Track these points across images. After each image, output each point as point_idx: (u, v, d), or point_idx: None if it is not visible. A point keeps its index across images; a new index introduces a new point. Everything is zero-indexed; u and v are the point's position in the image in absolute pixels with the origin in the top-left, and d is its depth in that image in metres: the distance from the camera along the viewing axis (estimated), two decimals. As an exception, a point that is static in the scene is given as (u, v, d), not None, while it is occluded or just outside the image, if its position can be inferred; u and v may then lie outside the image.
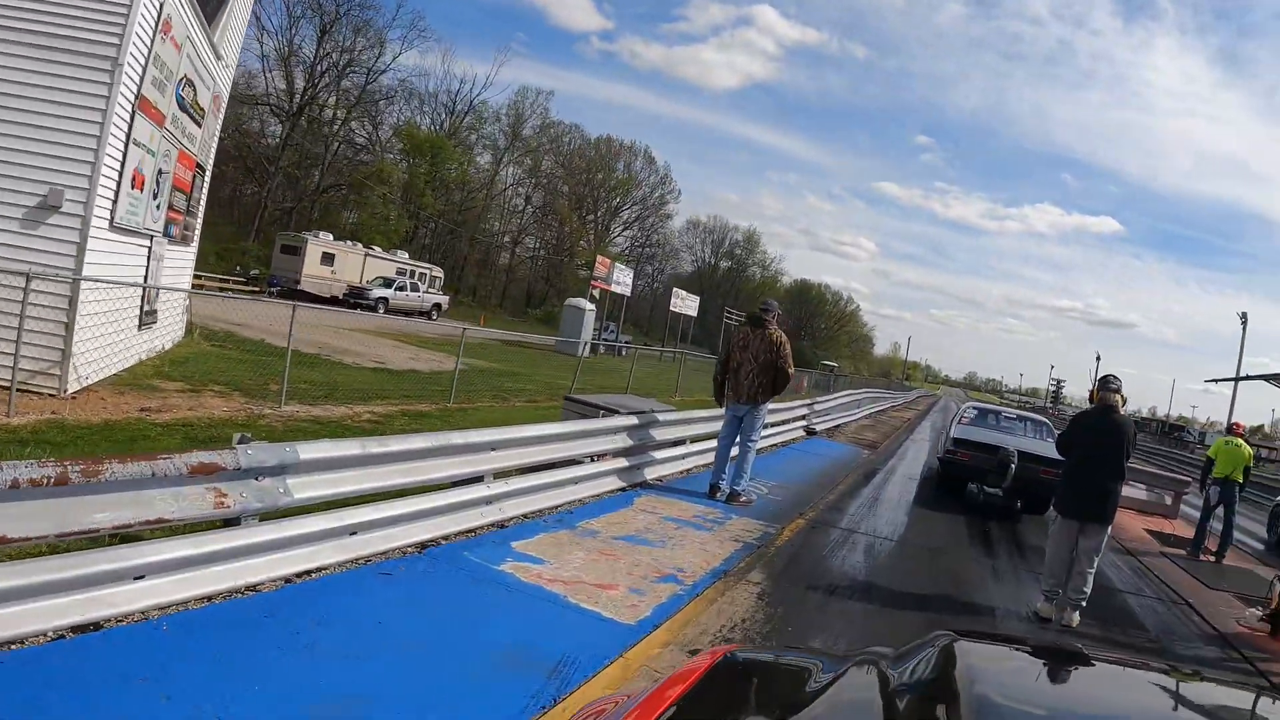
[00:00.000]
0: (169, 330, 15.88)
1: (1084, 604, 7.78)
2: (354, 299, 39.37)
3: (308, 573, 5.50)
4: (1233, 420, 16.33)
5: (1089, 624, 7.81)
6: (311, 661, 4.41)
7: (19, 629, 3.99)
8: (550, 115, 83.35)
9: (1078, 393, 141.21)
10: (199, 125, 14.69)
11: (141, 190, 11.76)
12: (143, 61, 10.74)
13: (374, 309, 38.52)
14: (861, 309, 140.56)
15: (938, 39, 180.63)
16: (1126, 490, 8.05)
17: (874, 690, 1.96)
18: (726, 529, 9.01)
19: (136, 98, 10.77)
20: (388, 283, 42.94)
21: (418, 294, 45.15)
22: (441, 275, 53.78)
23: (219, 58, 15.40)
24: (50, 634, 4.10)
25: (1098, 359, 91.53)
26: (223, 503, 5.03)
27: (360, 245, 46.48)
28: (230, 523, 5.18)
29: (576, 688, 4.63)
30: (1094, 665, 2.39)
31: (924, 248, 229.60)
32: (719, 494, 10.36)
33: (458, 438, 7.03)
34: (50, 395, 9.89)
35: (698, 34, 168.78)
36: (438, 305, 46.93)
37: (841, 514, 11.33)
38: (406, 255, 51.12)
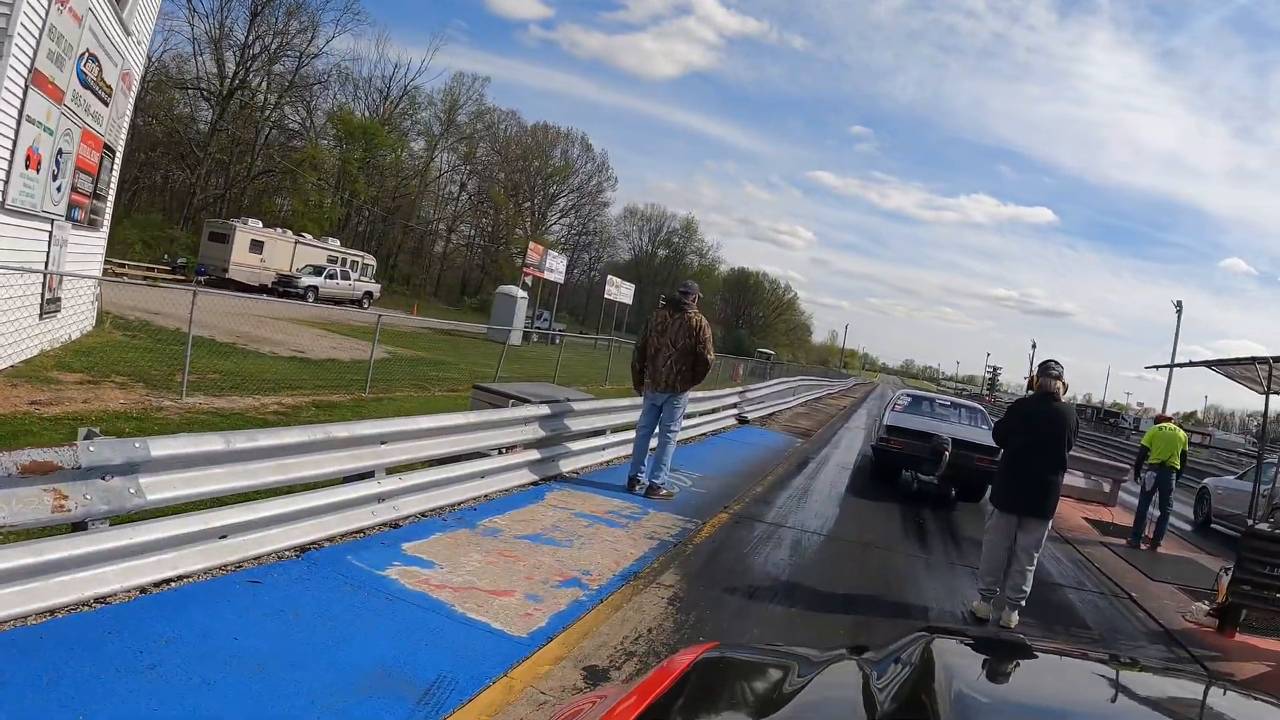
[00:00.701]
0: (76, 319, 15.12)
1: (1023, 603, 7.36)
2: (283, 287, 38.37)
3: (168, 581, 4.92)
4: (1161, 412, 16.40)
5: (1029, 622, 7.42)
6: (150, 686, 3.84)
7: None
8: (486, 101, 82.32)
9: (1014, 380, 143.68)
10: (106, 104, 13.93)
11: (38, 171, 11.10)
12: (36, 33, 10.12)
13: (303, 297, 37.64)
14: (799, 297, 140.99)
15: (876, 30, 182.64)
16: (1064, 478, 7.64)
17: (855, 688, 1.95)
18: (642, 525, 8.50)
19: (30, 71, 10.14)
20: (318, 270, 42.07)
21: (348, 282, 44.26)
22: (374, 263, 53.01)
23: (129, 33, 14.63)
24: None
25: (1034, 346, 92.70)
26: (63, 506, 4.41)
27: (290, 232, 45.59)
28: (78, 527, 4.58)
29: (450, 713, 4.11)
30: (1073, 662, 2.46)
31: (861, 237, 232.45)
32: (638, 487, 9.88)
33: (340, 430, 6.38)
34: (-65, 388, 9.22)
35: (638, 23, 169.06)
36: (369, 293, 46.00)
37: (769, 507, 10.88)
38: (338, 242, 50.22)
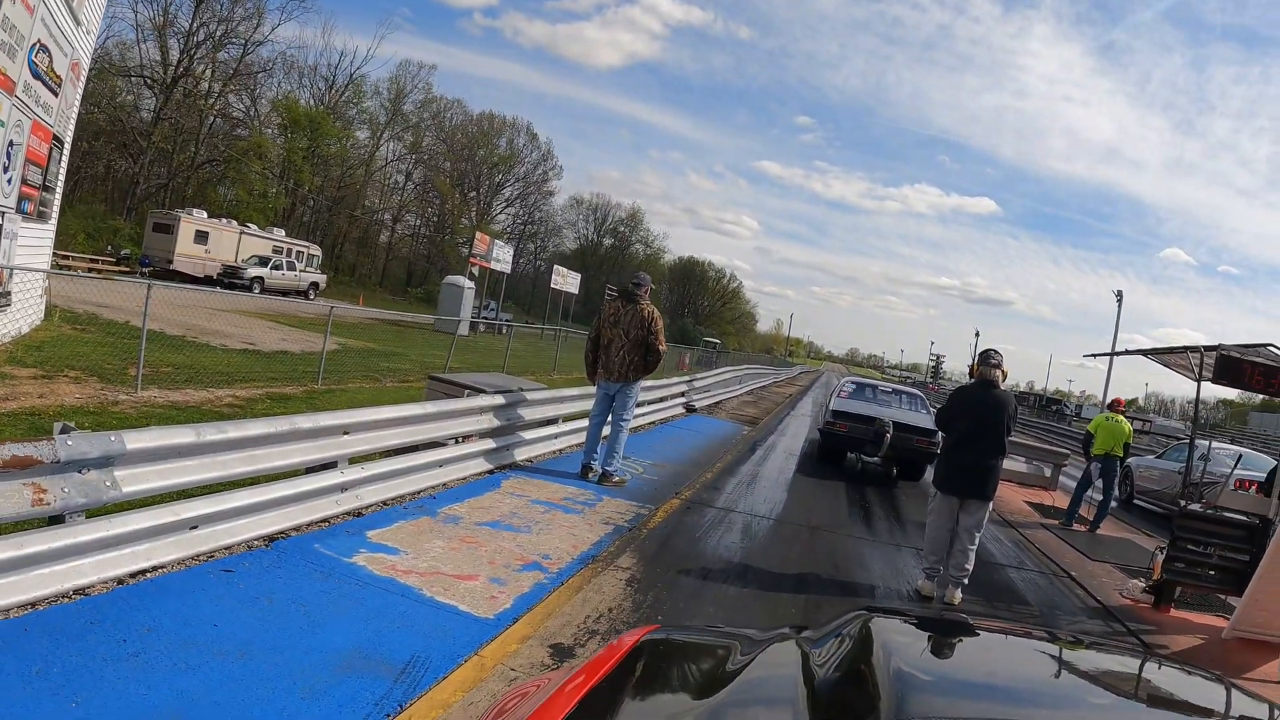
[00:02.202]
0: (26, 313, 14.86)
1: (966, 581, 7.68)
2: (228, 279, 37.90)
3: (144, 572, 5.01)
4: (1112, 397, 16.86)
5: (971, 600, 7.75)
6: (136, 673, 3.96)
7: None
8: (432, 90, 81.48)
9: (958, 368, 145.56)
10: (55, 94, 13.75)
11: (-12, 163, 10.93)
12: (-12, 25, 9.99)
13: (249, 289, 37.21)
14: (744, 286, 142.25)
15: (821, 21, 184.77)
16: (1006, 463, 7.97)
17: (795, 666, 2.00)
18: (597, 511, 8.72)
19: (-19, 63, 10.00)
20: (263, 261, 41.55)
21: (294, 273, 43.82)
22: (320, 253, 52.42)
23: (78, 23, 14.44)
24: None
25: (976, 335, 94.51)
26: (42, 499, 4.50)
27: (235, 223, 44.89)
28: (55, 521, 4.66)
29: (426, 690, 4.29)
30: (1007, 638, 2.56)
31: (805, 226, 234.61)
32: (591, 475, 10.10)
33: (304, 421, 6.52)
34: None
35: (582, 11, 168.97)
36: (315, 284, 45.52)
37: (719, 492, 11.13)
38: (283, 233, 49.58)
